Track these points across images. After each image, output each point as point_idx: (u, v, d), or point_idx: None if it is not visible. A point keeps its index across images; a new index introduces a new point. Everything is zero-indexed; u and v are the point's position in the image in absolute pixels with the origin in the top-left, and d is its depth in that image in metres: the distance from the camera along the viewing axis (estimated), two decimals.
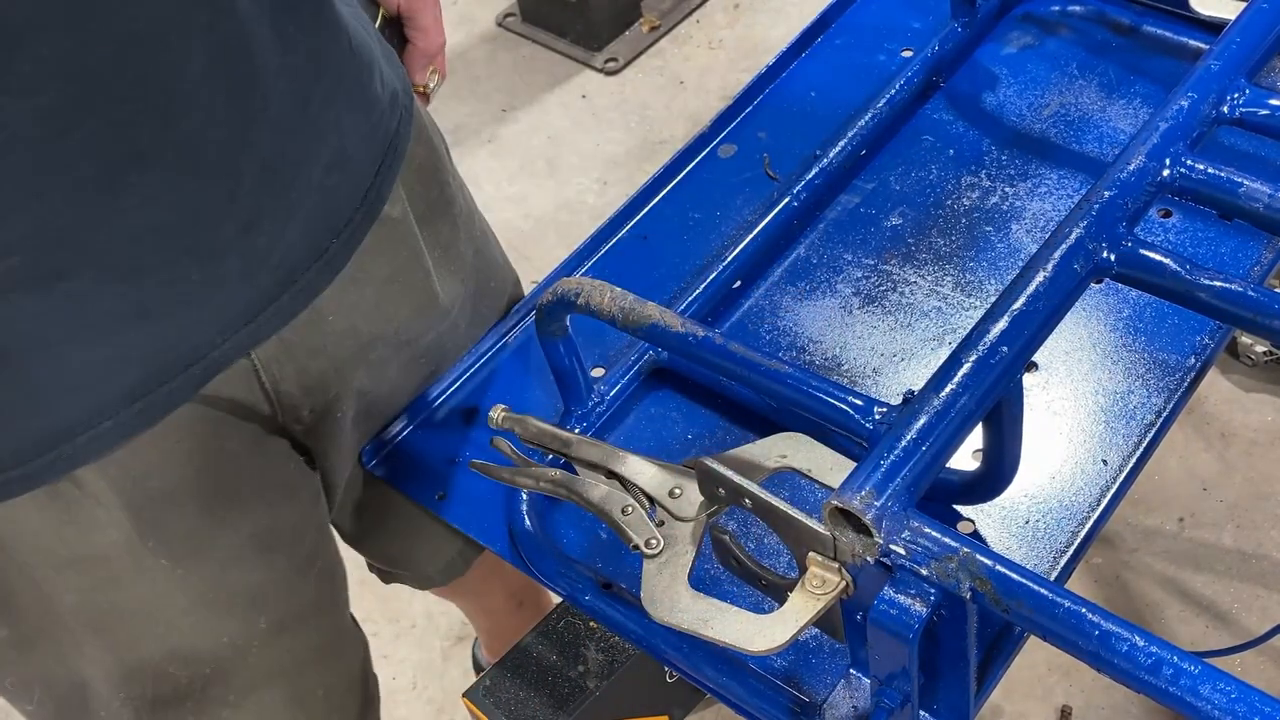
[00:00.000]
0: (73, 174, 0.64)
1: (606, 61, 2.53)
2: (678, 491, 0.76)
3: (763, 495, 0.68)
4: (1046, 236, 0.72)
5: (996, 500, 0.80)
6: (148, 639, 0.87)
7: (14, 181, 0.63)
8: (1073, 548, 0.82)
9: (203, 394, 0.80)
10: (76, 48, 0.61)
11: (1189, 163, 0.74)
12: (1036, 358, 0.88)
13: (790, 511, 0.67)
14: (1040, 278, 0.70)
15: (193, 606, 0.88)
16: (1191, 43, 1.09)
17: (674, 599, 0.71)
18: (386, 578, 1.19)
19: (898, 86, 1.08)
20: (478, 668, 1.75)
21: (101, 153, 0.65)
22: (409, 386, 0.98)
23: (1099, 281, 0.75)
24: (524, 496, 0.89)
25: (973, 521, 0.83)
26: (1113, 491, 0.84)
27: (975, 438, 0.72)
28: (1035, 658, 1.65)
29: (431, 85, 1.03)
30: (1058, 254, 0.70)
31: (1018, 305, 0.69)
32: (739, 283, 1.00)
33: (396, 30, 0.99)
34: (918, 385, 0.69)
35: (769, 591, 0.74)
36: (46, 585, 0.83)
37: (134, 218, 0.68)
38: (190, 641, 0.89)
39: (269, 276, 0.78)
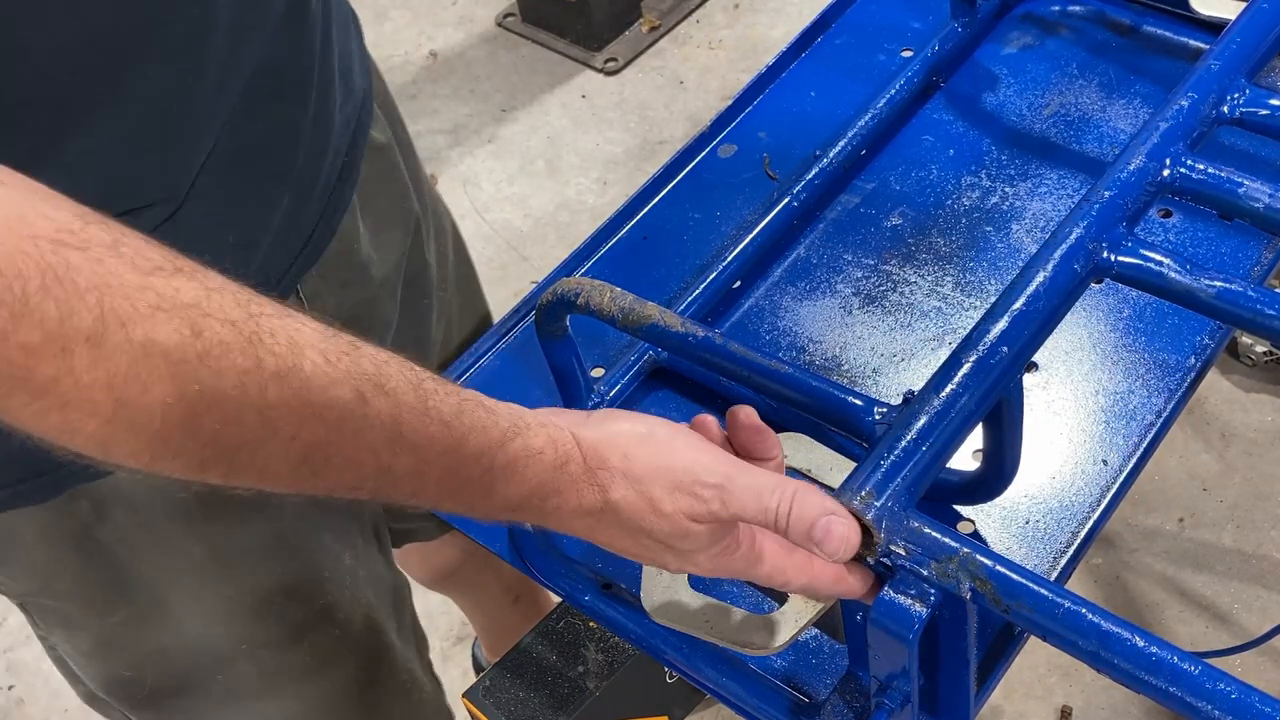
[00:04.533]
0: (209, 109, 0.69)
1: (606, 61, 2.53)
2: None
3: None
4: (1046, 236, 0.72)
5: (996, 500, 0.80)
6: (263, 578, 0.88)
7: (158, 124, 0.67)
8: (1073, 548, 0.82)
9: None
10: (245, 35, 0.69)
11: (1189, 163, 0.74)
12: (1036, 358, 0.88)
13: None
14: (1040, 278, 0.70)
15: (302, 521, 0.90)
16: (1191, 43, 1.09)
17: (674, 599, 0.71)
18: (399, 539, 1.19)
19: (898, 86, 1.08)
20: (478, 668, 1.75)
21: (231, 89, 0.70)
22: (420, 336, 1.01)
23: (1099, 281, 0.75)
24: None
25: (973, 521, 0.83)
26: (1113, 491, 0.84)
27: (975, 438, 0.72)
28: (1035, 658, 1.65)
29: None
30: (1058, 254, 0.70)
31: (1018, 305, 0.69)
32: (739, 283, 1.00)
33: None
34: (918, 385, 0.69)
35: (769, 592, 0.74)
36: (174, 539, 0.83)
37: (244, 144, 0.73)
38: (295, 578, 0.90)
39: (316, 194, 0.82)
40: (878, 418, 0.75)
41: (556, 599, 0.91)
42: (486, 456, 0.56)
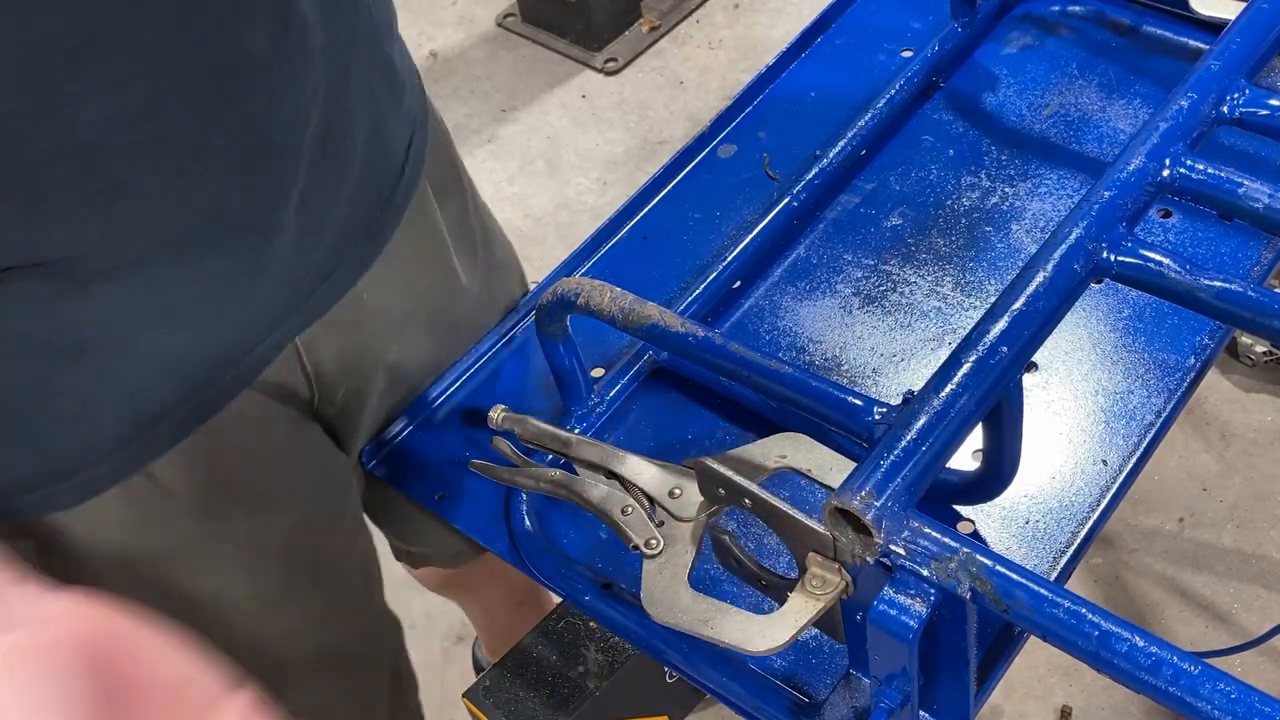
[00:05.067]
0: (154, 162, 0.66)
1: (606, 61, 2.53)
2: (678, 491, 0.76)
3: (763, 495, 0.68)
4: (1046, 236, 0.72)
5: (996, 500, 0.80)
6: (217, 629, 0.86)
7: (100, 175, 0.64)
8: (1073, 548, 0.82)
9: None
10: (157, 42, 0.62)
11: (1189, 163, 0.74)
12: (1036, 358, 0.88)
13: (790, 511, 0.67)
14: (1040, 278, 0.70)
15: (255, 595, 0.89)
16: (1191, 43, 1.09)
17: (674, 599, 0.71)
18: (416, 561, 1.19)
19: (898, 86, 1.08)
20: (478, 668, 1.75)
21: (180, 141, 0.66)
22: (439, 363, 0.99)
23: (1099, 281, 0.75)
24: (524, 496, 0.89)
25: (973, 521, 0.83)
26: (1113, 491, 0.84)
27: (975, 438, 0.72)
28: (1035, 658, 1.65)
29: None
30: (1058, 254, 0.70)
31: (1018, 305, 0.69)
32: (739, 283, 1.00)
33: None
34: (918, 385, 0.69)
35: (769, 591, 0.74)
36: (121, 588, 0.82)
37: (207, 200, 0.70)
38: (254, 630, 0.90)
39: (321, 253, 0.80)
40: (878, 418, 0.75)
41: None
42: None
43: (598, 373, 0.95)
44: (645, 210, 1.08)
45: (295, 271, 0.79)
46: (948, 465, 0.67)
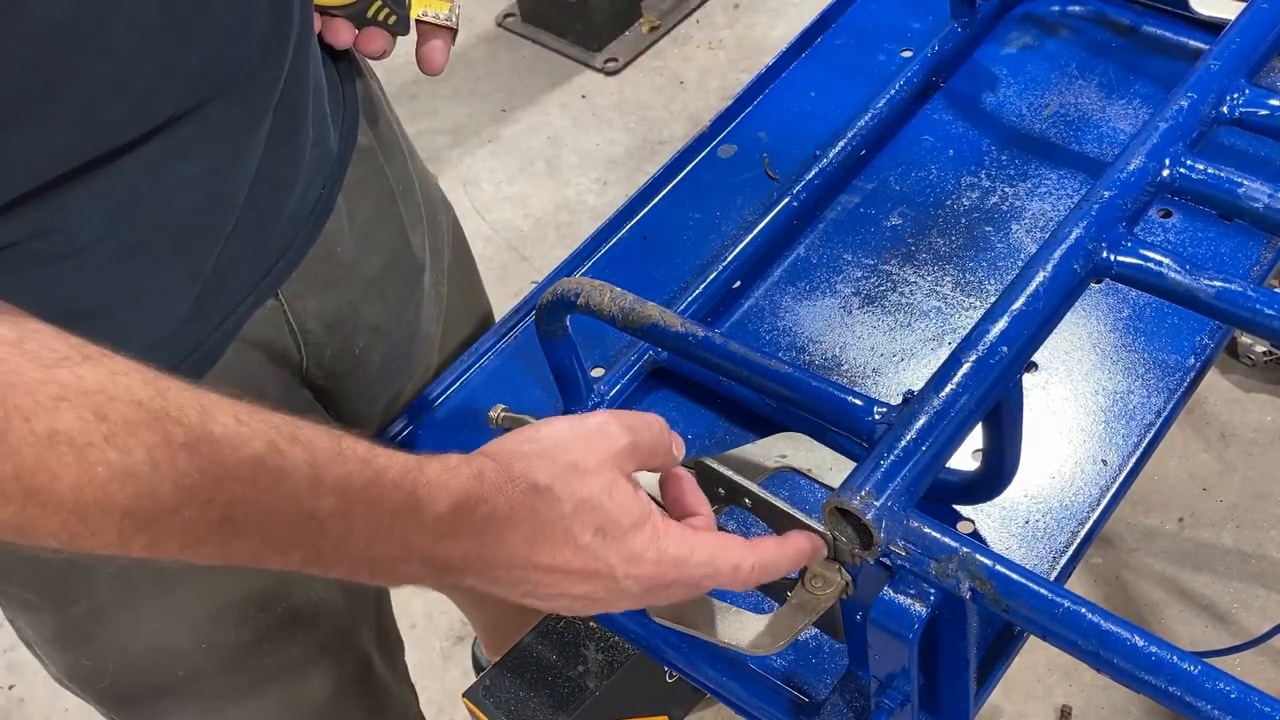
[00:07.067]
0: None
1: (606, 61, 2.52)
2: None
3: (763, 495, 0.68)
4: (1046, 236, 0.72)
5: (996, 500, 0.80)
6: (229, 583, 0.89)
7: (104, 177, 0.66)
8: (1073, 548, 0.82)
9: (242, 335, 0.82)
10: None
11: (1189, 163, 0.74)
12: (1036, 358, 0.88)
13: (790, 511, 0.67)
14: (1040, 278, 0.70)
15: None
16: (1191, 43, 1.09)
17: (674, 599, 0.71)
18: None
19: (898, 86, 1.08)
20: (478, 668, 1.74)
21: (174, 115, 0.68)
22: (421, 329, 0.99)
23: (1099, 281, 0.75)
24: None
25: (973, 521, 0.83)
26: (1113, 491, 0.84)
27: (975, 438, 0.72)
28: (1035, 658, 1.65)
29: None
30: (1057, 254, 0.70)
31: (1018, 305, 0.69)
32: (739, 283, 1.00)
33: None
34: (918, 385, 0.69)
35: (769, 591, 0.74)
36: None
37: (195, 183, 0.72)
38: (262, 583, 0.90)
39: (284, 230, 0.81)
40: (878, 418, 0.75)
41: None
42: (408, 480, 0.58)
43: (598, 373, 0.95)
44: (645, 210, 1.08)
45: (265, 238, 0.80)
46: (948, 465, 0.67)
